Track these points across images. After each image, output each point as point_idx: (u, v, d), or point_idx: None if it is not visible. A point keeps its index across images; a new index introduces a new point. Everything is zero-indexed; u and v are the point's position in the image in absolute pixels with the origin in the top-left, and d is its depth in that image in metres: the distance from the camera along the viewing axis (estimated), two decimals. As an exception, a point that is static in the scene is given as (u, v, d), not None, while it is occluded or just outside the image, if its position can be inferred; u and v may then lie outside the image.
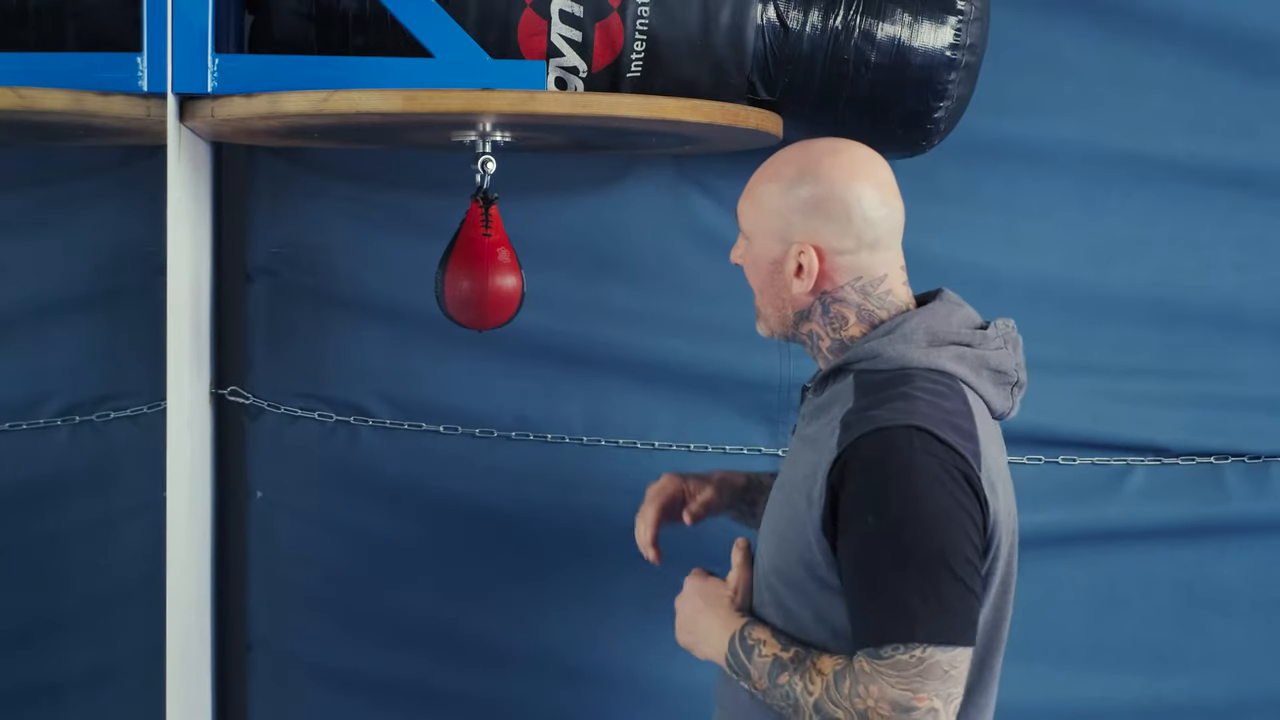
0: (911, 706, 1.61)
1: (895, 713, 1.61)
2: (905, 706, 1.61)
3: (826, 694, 1.66)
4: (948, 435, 1.66)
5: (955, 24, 2.20)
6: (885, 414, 1.67)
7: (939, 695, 1.62)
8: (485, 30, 2.11)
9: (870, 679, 1.62)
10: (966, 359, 1.76)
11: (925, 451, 1.65)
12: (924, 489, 1.64)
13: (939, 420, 1.67)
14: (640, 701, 2.59)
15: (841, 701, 1.64)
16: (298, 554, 2.61)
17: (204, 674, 2.47)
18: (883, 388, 1.71)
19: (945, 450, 1.65)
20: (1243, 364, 2.58)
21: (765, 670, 1.73)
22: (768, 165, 1.83)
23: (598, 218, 2.53)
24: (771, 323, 1.84)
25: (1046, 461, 2.57)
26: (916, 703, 1.61)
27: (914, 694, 1.61)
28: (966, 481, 1.66)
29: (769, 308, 1.83)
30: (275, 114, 2.00)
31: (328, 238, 2.53)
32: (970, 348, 1.77)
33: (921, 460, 1.64)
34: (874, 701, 1.62)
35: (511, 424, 2.56)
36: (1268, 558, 2.61)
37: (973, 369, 1.76)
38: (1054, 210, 2.54)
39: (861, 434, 1.66)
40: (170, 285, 2.09)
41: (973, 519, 1.66)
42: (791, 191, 1.77)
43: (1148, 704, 2.62)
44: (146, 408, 2.52)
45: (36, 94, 1.97)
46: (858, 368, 1.76)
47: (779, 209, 1.78)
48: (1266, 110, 2.52)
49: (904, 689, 1.61)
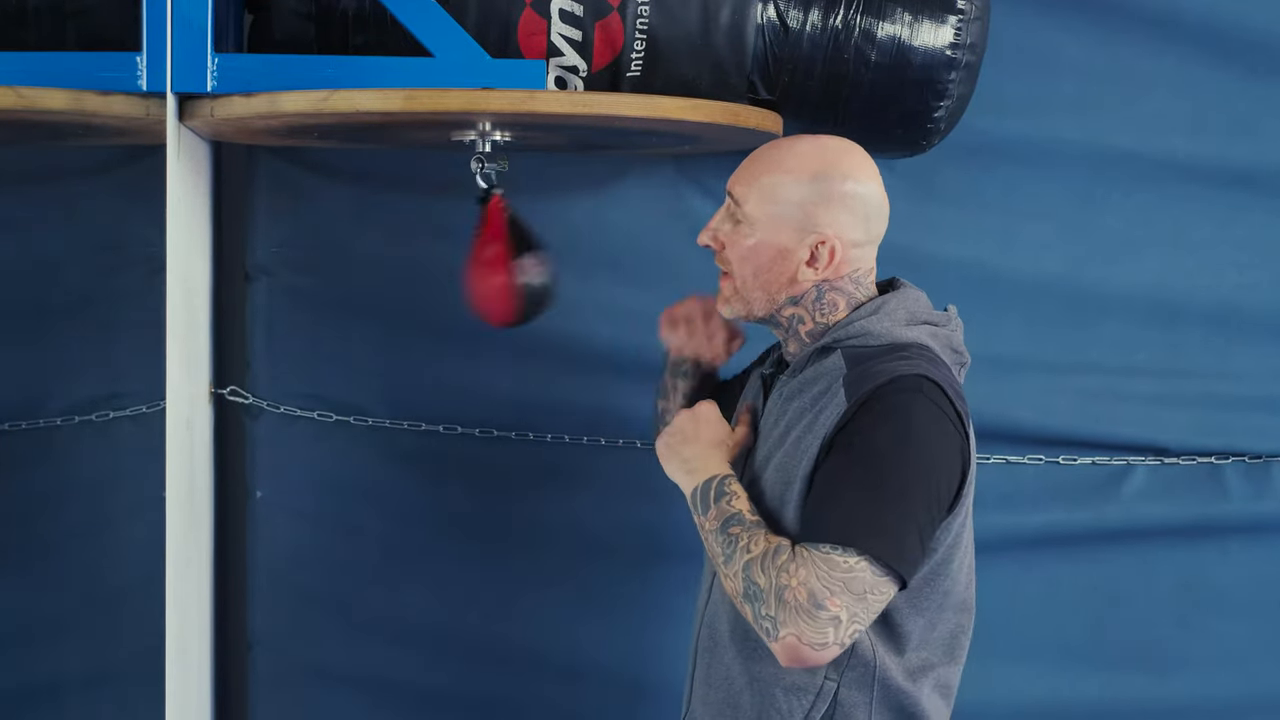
0: (822, 605, 1.65)
1: (808, 602, 1.66)
2: (818, 602, 1.65)
3: (761, 559, 1.70)
4: (950, 394, 1.75)
5: (955, 23, 2.20)
6: (891, 368, 1.74)
7: (848, 609, 1.66)
8: (485, 30, 2.11)
9: (803, 563, 1.67)
10: (938, 337, 1.85)
11: (929, 398, 1.73)
12: (919, 429, 1.72)
13: (943, 379, 1.76)
14: (640, 701, 2.59)
15: (769, 570, 1.69)
16: (298, 554, 2.61)
17: (204, 674, 2.47)
18: (875, 357, 1.78)
19: (947, 404, 1.74)
20: (1243, 364, 2.58)
21: (723, 517, 1.77)
22: (779, 157, 1.86)
23: (598, 218, 2.53)
24: (755, 305, 1.88)
25: (1047, 461, 2.57)
26: (829, 604, 1.66)
27: (830, 594, 1.66)
28: (958, 435, 1.75)
29: (757, 291, 1.87)
30: (275, 113, 2.00)
31: (328, 238, 2.53)
32: (938, 327, 1.86)
33: (924, 404, 1.72)
34: (795, 584, 1.67)
35: (511, 424, 2.56)
36: (1268, 557, 2.61)
37: (940, 347, 1.85)
38: (1054, 210, 2.54)
39: (875, 384, 1.73)
40: (170, 285, 2.09)
41: (950, 475, 1.74)
42: (814, 185, 1.83)
43: (1148, 704, 2.62)
44: (146, 408, 2.52)
45: (36, 93, 1.97)
46: (845, 345, 1.82)
47: (798, 201, 1.83)
48: (1266, 109, 2.52)
49: (825, 585, 1.66)
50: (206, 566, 2.46)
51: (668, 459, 1.89)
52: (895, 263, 2.25)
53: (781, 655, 1.67)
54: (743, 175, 1.87)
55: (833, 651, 1.66)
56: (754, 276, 1.87)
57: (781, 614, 1.66)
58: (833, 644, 1.66)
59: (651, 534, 2.54)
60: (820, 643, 1.65)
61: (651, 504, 2.53)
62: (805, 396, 1.82)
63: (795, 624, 1.65)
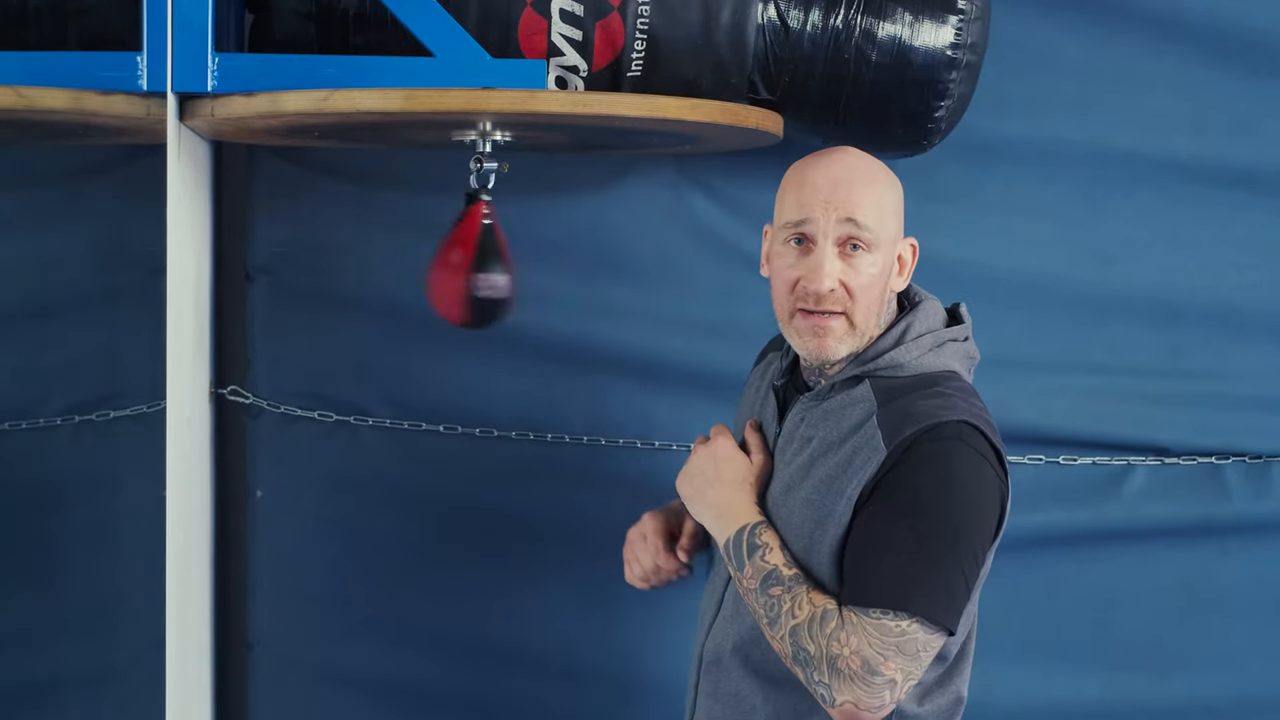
0: (878, 671, 1.65)
1: (863, 670, 1.65)
2: (872, 668, 1.65)
3: (808, 625, 1.69)
4: (989, 433, 1.73)
5: (956, 23, 2.20)
6: (929, 409, 1.72)
7: (903, 670, 1.67)
8: (486, 29, 2.11)
9: (853, 630, 1.66)
10: (960, 355, 1.84)
11: (971, 444, 1.71)
12: (961, 478, 1.70)
13: (979, 418, 1.74)
14: (640, 701, 2.59)
15: (818, 638, 1.68)
16: (298, 554, 2.61)
17: (204, 674, 2.47)
18: (909, 390, 1.76)
19: (988, 447, 1.73)
20: (1243, 364, 2.58)
21: (761, 575, 1.75)
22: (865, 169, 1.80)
23: (598, 218, 2.52)
24: (871, 329, 1.81)
25: (1047, 461, 2.57)
26: (884, 669, 1.65)
27: (884, 660, 1.65)
28: (998, 479, 1.73)
29: (870, 316, 1.80)
30: (275, 113, 2.00)
31: (328, 238, 2.53)
32: (959, 343, 1.84)
33: (966, 452, 1.71)
34: (848, 652, 1.66)
35: (511, 424, 2.56)
36: (1268, 557, 2.61)
37: (963, 363, 1.84)
38: (1054, 210, 2.53)
39: (916, 429, 1.70)
40: (170, 285, 2.09)
41: (993, 517, 1.72)
42: (896, 193, 1.82)
43: (1148, 704, 2.62)
44: (147, 407, 2.52)
45: (37, 93, 1.97)
46: (874, 376, 1.79)
47: (895, 210, 1.81)
48: (1266, 110, 2.52)
49: (878, 652, 1.65)
50: (206, 566, 2.46)
51: (693, 502, 1.87)
52: (895, 263, 2.25)
53: (840, 718, 1.68)
54: (847, 199, 1.76)
55: (889, 709, 1.68)
56: (876, 303, 1.80)
57: (836, 682, 1.66)
58: (889, 704, 1.67)
59: (651, 534, 2.54)
60: (877, 705, 1.67)
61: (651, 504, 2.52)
62: (831, 427, 1.78)
63: (851, 691, 1.66)
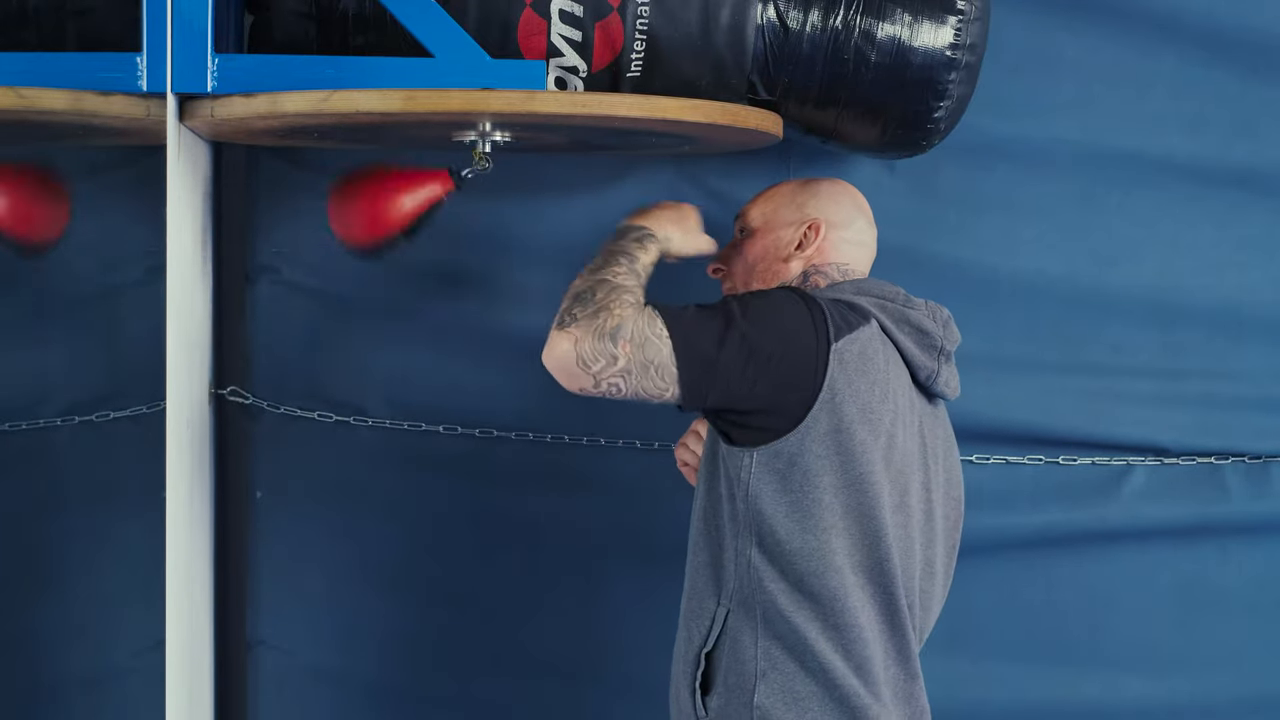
0: (617, 341, 1.82)
1: (609, 330, 1.82)
2: (616, 337, 1.82)
3: (613, 285, 1.89)
4: (824, 304, 1.89)
5: (955, 24, 2.20)
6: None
7: (627, 361, 1.82)
8: (485, 30, 2.11)
9: (638, 310, 1.86)
10: (888, 310, 1.96)
11: (794, 291, 1.93)
12: (772, 294, 1.92)
13: (824, 300, 1.92)
14: (640, 701, 2.58)
15: (609, 292, 1.87)
16: (298, 554, 2.61)
17: (204, 674, 2.47)
18: None
19: (811, 301, 1.89)
20: (1243, 364, 2.58)
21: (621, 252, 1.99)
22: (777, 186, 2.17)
23: (598, 218, 2.52)
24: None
25: (1046, 461, 2.57)
26: (622, 346, 1.82)
27: (628, 341, 1.82)
28: (809, 316, 1.86)
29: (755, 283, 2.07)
30: (275, 114, 2.00)
31: (328, 238, 2.52)
32: (892, 303, 1.95)
33: (785, 291, 1.94)
34: (618, 312, 1.84)
35: (511, 424, 2.56)
36: (1267, 558, 2.61)
37: (894, 321, 1.95)
38: (1054, 210, 2.53)
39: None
40: (170, 285, 2.09)
41: (790, 343, 1.85)
42: (806, 186, 2.12)
43: (1147, 704, 2.62)
44: (146, 408, 2.52)
45: (37, 94, 1.97)
46: None
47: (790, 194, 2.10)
48: (1266, 109, 2.52)
49: (634, 330, 1.83)
50: (207, 567, 2.46)
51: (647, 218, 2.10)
52: (895, 263, 2.25)
53: (551, 345, 1.82)
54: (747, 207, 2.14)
55: (585, 381, 1.82)
56: (749, 272, 2.09)
57: (584, 320, 1.82)
58: (592, 373, 1.81)
59: (651, 534, 2.53)
60: (589, 360, 1.80)
61: (651, 504, 2.53)
62: None
63: (586, 334, 1.81)
